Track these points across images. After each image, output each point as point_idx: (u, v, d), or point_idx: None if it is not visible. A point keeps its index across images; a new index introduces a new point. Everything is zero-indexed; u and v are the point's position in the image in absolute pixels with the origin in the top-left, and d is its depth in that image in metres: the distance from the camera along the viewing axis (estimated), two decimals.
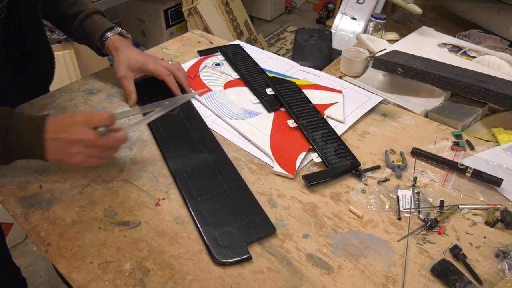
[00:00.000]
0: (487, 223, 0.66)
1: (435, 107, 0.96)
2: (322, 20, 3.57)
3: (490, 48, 1.24)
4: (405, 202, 0.69)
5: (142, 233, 0.64)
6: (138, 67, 0.89)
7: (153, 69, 0.89)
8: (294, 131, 0.83)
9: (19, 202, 0.68)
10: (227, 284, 0.57)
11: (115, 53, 0.90)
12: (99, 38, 0.90)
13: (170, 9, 2.72)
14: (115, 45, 0.90)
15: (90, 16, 0.92)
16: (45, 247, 0.62)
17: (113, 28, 0.92)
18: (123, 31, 0.93)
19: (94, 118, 0.67)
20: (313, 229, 0.65)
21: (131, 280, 0.57)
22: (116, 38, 0.91)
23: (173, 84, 0.90)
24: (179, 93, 0.90)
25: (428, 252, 0.61)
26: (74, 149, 0.66)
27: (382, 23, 1.30)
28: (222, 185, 0.71)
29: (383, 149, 0.81)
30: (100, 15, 0.94)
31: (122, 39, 0.91)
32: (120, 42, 0.90)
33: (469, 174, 0.73)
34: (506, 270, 0.58)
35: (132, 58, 0.89)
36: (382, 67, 1.05)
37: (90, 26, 0.91)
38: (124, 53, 0.89)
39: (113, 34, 0.91)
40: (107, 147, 0.68)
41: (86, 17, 0.92)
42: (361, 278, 0.58)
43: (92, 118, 0.67)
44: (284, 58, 1.13)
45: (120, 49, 0.89)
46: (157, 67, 0.89)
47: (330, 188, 0.72)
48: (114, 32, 0.91)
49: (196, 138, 0.81)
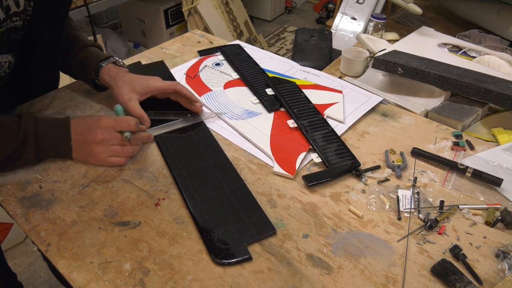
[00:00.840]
0: (487, 223, 0.66)
1: (435, 107, 0.96)
2: (322, 20, 3.57)
3: (490, 48, 1.24)
4: (405, 202, 0.69)
5: (142, 233, 0.64)
6: (142, 88, 0.82)
7: (161, 86, 0.84)
8: (294, 131, 0.83)
9: (19, 202, 0.68)
10: (227, 284, 0.57)
11: (111, 81, 0.83)
12: (93, 68, 0.85)
13: (170, 9, 2.72)
14: (110, 74, 0.84)
15: (85, 48, 0.88)
16: (45, 247, 0.62)
17: (107, 58, 0.87)
18: (118, 60, 0.88)
19: (121, 123, 0.73)
20: (313, 229, 0.65)
21: (131, 280, 0.57)
22: (111, 66, 0.85)
23: (187, 91, 0.85)
24: (193, 97, 0.85)
25: (428, 252, 0.61)
26: (98, 148, 0.72)
27: (382, 23, 1.30)
28: (222, 186, 0.71)
29: (383, 149, 0.81)
30: (95, 48, 0.90)
31: (117, 67, 0.86)
32: (115, 70, 0.85)
33: (469, 174, 0.73)
34: (506, 270, 0.58)
35: (134, 81, 0.83)
36: (382, 67, 1.05)
37: (85, 58, 0.87)
38: (123, 78, 0.83)
39: (107, 64, 0.86)
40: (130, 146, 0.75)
41: (81, 49, 0.88)
42: (361, 278, 0.58)
43: (120, 124, 0.73)
44: (284, 58, 1.13)
45: (117, 75, 0.83)
46: (164, 82, 0.85)
47: (330, 188, 0.72)
48: (109, 61, 0.86)
49: (196, 139, 0.81)
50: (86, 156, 0.74)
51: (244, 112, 0.89)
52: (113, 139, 0.73)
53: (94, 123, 0.72)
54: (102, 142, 0.72)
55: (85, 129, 0.72)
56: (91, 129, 0.72)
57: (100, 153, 0.73)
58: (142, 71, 1.02)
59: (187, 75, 1.02)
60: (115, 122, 0.73)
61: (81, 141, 0.72)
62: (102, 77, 0.85)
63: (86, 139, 0.72)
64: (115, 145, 0.73)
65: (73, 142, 0.72)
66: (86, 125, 0.72)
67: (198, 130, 0.84)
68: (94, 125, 0.72)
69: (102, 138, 0.72)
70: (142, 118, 0.79)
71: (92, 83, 0.88)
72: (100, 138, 0.72)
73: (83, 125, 0.72)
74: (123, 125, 0.73)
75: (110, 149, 0.73)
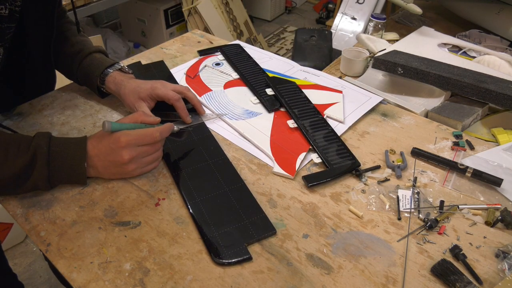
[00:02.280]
0: (487, 223, 0.66)
1: (435, 107, 0.96)
2: (322, 20, 3.57)
3: (490, 48, 1.24)
4: (405, 202, 0.69)
5: (142, 233, 0.64)
6: (147, 94, 0.82)
7: (162, 94, 0.82)
8: (294, 132, 0.83)
9: (19, 202, 0.68)
10: (227, 284, 0.57)
11: (117, 88, 0.84)
12: (99, 75, 0.85)
13: (170, 9, 2.72)
14: (116, 81, 0.84)
15: (91, 55, 0.88)
16: (45, 247, 0.62)
17: (113, 64, 0.87)
18: (124, 66, 0.88)
19: (145, 139, 0.69)
20: (313, 229, 0.65)
21: (131, 280, 0.57)
22: (116, 74, 0.85)
23: (182, 110, 0.83)
24: (187, 119, 0.84)
25: (428, 252, 0.61)
26: (130, 166, 0.69)
27: (382, 23, 1.30)
28: (222, 186, 0.71)
29: (383, 149, 0.81)
30: (101, 54, 0.89)
31: (123, 74, 0.86)
32: (121, 77, 0.85)
33: (469, 174, 0.73)
34: (506, 270, 0.58)
35: (138, 87, 0.82)
36: (382, 67, 1.05)
37: (90, 65, 0.87)
38: (128, 85, 0.83)
39: (113, 71, 0.86)
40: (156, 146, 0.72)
41: (87, 56, 0.88)
42: (361, 278, 0.58)
43: (143, 139, 0.69)
44: (284, 58, 1.13)
45: (123, 82, 0.84)
46: (166, 91, 0.82)
47: (330, 188, 0.72)
48: (115, 68, 0.86)
49: (196, 139, 0.81)
50: (118, 175, 0.71)
51: (244, 112, 0.89)
52: (141, 154, 0.69)
53: (113, 144, 0.67)
54: (131, 160, 0.69)
55: (109, 153, 0.68)
56: (113, 152, 0.68)
57: (133, 170, 0.70)
58: (142, 71, 1.03)
59: (187, 75, 1.02)
60: (137, 139, 0.68)
61: (109, 165, 0.69)
62: (108, 85, 0.85)
63: (114, 161, 0.68)
64: (145, 157, 0.71)
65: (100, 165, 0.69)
66: (108, 148, 0.68)
67: (198, 130, 0.84)
68: (114, 146, 0.67)
69: (129, 157, 0.68)
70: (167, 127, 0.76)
71: (97, 90, 0.88)
72: (128, 158, 0.68)
73: (106, 147, 0.68)
74: (147, 140, 0.69)
75: (142, 162, 0.70)
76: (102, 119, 0.87)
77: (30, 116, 0.88)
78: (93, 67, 0.86)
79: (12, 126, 0.85)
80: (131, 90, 0.82)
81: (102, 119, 0.88)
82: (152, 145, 0.70)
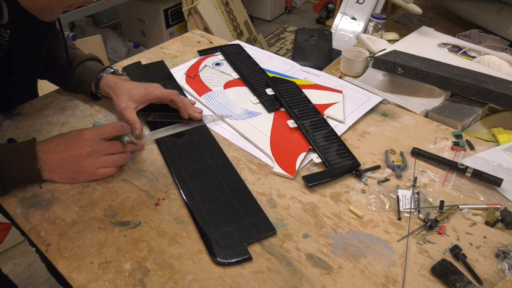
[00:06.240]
0: (487, 223, 0.66)
1: (435, 107, 0.96)
2: (322, 20, 3.57)
3: (490, 48, 1.24)
4: (405, 202, 0.69)
5: (142, 233, 0.64)
6: (141, 96, 0.82)
7: (159, 94, 0.82)
8: (294, 132, 0.83)
9: (19, 202, 0.68)
10: (227, 284, 0.57)
11: (111, 91, 0.83)
12: (92, 81, 0.85)
13: (170, 9, 2.72)
14: (110, 84, 0.84)
15: (81, 64, 0.87)
16: (45, 247, 0.62)
17: (105, 69, 0.86)
18: (117, 69, 0.87)
19: (107, 129, 0.71)
20: (313, 229, 0.65)
21: (131, 280, 0.57)
22: (110, 77, 0.85)
23: (182, 103, 0.83)
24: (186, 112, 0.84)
25: (428, 252, 0.61)
26: (87, 161, 0.69)
27: (382, 23, 1.30)
28: (222, 186, 0.71)
29: (383, 149, 0.81)
30: (94, 61, 0.89)
31: (116, 76, 0.86)
32: (114, 79, 0.84)
33: (469, 174, 0.73)
34: (506, 270, 0.58)
35: (132, 89, 0.82)
36: (382, 67, 1.05)
37: (82, 72, 0.86)
38: (122, 88, 0.82)
39: (106, 74, 0.85)
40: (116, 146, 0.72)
41: (78, 65, 0.87)
42: (361, 278, 0.58)
43: (105, 130, 0.71)
44: (284, 58, 1.13)
45: (116, 85, 0.83)
46: (162, 91, 0.83)
47: (330, 188, 0.72)
48: (107, 72, 0.86)
49: (196, 139, 0.81)
50: (71, 173, 0.70)
51: (244, 112, 0.89)
52: (101, 149, 0.70)
53: (76, 136, 0.69)
54: (90, 154, 0.68)
55: (67, 145, 0.68)
56: (75, 143, 0.68)
57: (89, 166, 0.69)
58: (142, 71, 1.03)
59: (187, 75, 1.02)
60: (100, 130, 0.70)
61: (64, 159, 0.68)
62: (103, 88, 0.85)
63: (71, 155, 0.68)
64: (104, 155, 0.70)
65: (53, 162, 0.68)
66: (67, 141, 0.69)
67: (198, 130, 0.84)
68: (78, 138, 0.68)
69: (90, 150, 0.68)
70: (134, 126, 0.78)
71: (90, 96, 0.88)
72: (88, 150, 0.68)
73: (63, 141, 0.69)
74: (109, 130, 0.70)
75: (100, 160, 0.70)
76: (102, 119, 0.88)
77: (30, 116, 0.88)
78: (85, 74, 0.86)
79: (12, 126, 0.85)
80: (123, 92, 0.82)
81: (102, 119, 0.88)
82: (113, 144, 0.72)
